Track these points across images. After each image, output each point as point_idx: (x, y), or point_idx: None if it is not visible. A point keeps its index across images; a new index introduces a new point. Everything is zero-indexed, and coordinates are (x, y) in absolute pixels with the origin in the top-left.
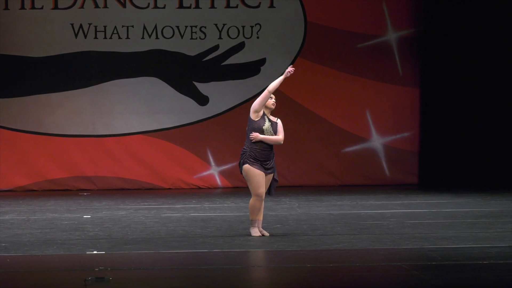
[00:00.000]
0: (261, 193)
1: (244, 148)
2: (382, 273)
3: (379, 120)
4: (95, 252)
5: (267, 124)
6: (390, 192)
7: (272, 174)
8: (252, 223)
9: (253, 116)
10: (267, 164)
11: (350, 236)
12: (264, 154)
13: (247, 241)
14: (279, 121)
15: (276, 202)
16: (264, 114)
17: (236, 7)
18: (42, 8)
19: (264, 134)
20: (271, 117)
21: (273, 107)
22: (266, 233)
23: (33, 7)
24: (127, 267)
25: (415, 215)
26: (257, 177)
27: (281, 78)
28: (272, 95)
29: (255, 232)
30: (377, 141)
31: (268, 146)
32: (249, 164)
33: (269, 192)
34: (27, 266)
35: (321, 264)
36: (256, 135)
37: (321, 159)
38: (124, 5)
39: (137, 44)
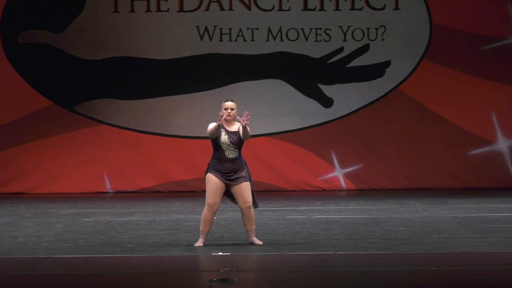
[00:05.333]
0: (211, 202)
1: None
2: (508, 277)
3: (505, 122)
4: (220, 253)
5: (223, 138)
6: None
7: (243, 184)
8: (201, 234)
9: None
10: (230, 175)
11: (475, 239)
12: (223, 166)
13: (371, 244)
14: (241, 129)
15: (400, 205)
16: (221, 126)
17: (361, 9)
18: (167, 10)
19: (222, 147)
20: (232, 128)
21: (228, 118)
22: (259, 242)
23: (158, 10)
24: (251, 269)
25: None
26: (210, 185)
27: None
28: (229, 104)
29: (198, 242)
30: (503, 144)
31: (229, 159)
32: (209, 172)
33: (254, 204)
34: (153, 267)
35: (446, 267)
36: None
37: (446, 161)
38: (249, 8)
39: (262, 47)
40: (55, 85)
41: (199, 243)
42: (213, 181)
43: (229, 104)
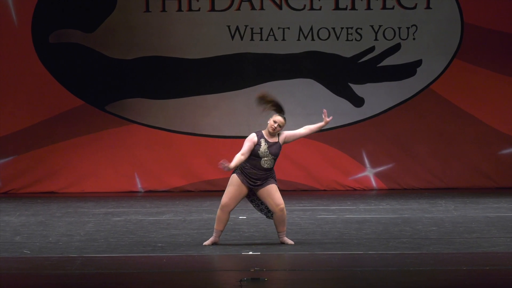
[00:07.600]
0: (224, 202)
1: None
2: None
3: None
4: (250, 252)
5: (262, 148)
6: None
7: (271, 186)
8: (215, 232)
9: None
10: (257, 182)
11: (507, 238)
12: (253, 173)
13: (402, 243)
14: (283, 134)
15: (431, 205)
16: (262, 136)
17: (392, 8)
18: (199, 10)
19: (260, 158)
20: (272, 139)
21: (272, 131)
22: (290, 242)
23: (190, 9)
24: (282, 268)
25: None
26: (232, 187)
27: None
28: (278, 120)
29: (208, 241)
30: None
31: (264, 168)
32: (236, 174)
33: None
34: (183, 266)
35: (477, 267)
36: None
37: (477, 161)
38: (280, 7)
39: (293, 46)
40: (86, 84)
41: (209, 241)
42: (236, 184)
43: (279, 119)
